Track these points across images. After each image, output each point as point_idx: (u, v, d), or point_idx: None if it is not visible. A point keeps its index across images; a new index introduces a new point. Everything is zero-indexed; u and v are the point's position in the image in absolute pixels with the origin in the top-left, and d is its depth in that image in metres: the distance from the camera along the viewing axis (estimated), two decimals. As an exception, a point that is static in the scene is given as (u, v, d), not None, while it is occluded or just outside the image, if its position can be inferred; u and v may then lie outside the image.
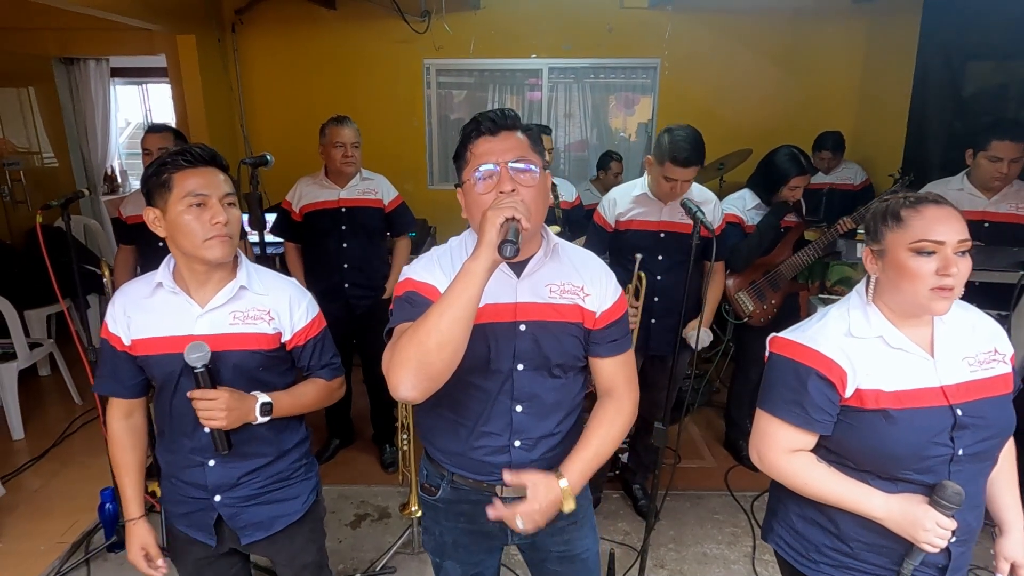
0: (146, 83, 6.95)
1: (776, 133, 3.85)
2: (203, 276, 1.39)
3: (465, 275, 1.06)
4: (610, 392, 1.37)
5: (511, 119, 1.23)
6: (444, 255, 1.31)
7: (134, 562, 1.50)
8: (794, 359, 1.26)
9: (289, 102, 5.00)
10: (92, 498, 2.73)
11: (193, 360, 1.32)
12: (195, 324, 1.38)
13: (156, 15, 3.98)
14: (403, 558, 2.57)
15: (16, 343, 3.47)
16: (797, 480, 1.28)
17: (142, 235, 2.75)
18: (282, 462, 1.52)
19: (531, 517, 1.20)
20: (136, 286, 1.44)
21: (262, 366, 1.44)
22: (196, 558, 1.53)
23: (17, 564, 2.52)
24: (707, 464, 3.27)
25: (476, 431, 1.30)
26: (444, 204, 5.04)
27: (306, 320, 1.49)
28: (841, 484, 1.24)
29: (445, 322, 1.05)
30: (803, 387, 1.23)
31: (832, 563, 1.31)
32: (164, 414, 1.47)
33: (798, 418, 1.25)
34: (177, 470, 1.47)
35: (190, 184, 1.32)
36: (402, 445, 2.58)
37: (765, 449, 1.31)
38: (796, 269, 2.88)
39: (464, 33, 4.88)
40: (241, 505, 1.47)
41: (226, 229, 1.34)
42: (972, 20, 3.63)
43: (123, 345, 1.42)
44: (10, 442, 3.43)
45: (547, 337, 1.27)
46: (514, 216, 1.07)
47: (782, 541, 1.40)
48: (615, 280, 1.37)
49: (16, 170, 4.99)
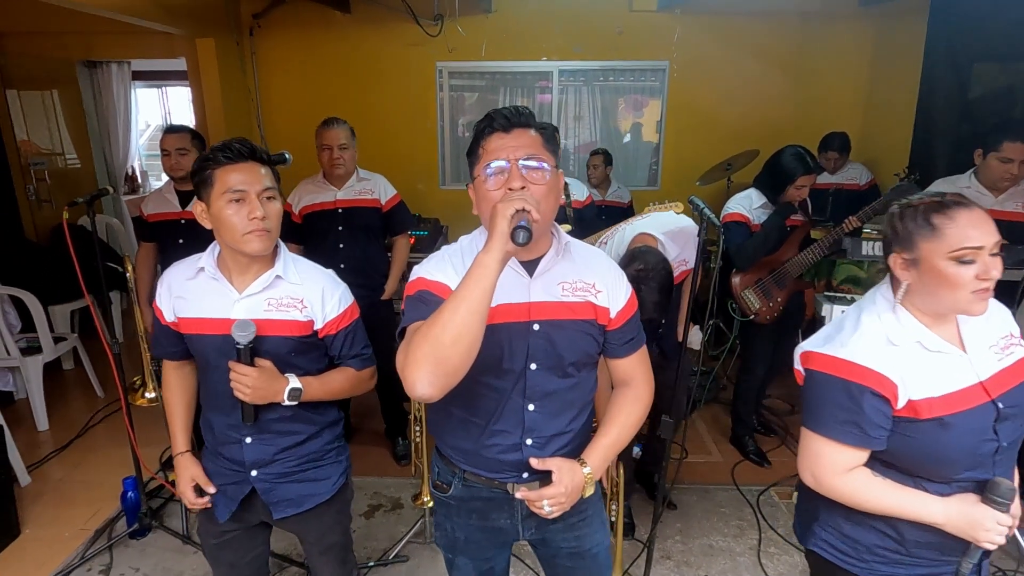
0: (165, 86, 7.08)
1: (783, 134, 3.89)
2: (244, 265, 1.46)
3: (478, 267, 1.06)
4: (627, 383, 1.39)
5: (525, 116, 1.22)
6: (455, 254, 1.31)
7: (183, 493, 1.58)
8: (843, 377, 1.21)
9: (305, 104, 5.07)
10: (114, 487, 2.80)
11: (238, 337, 1.38)
12: (232, 308, 1.45)
13: (177, 19, 4.07)
14: (415, 547, 2.62)
15: (41, 337, 3.56)
16: (857, 499, 1.25)
17: (162, 233, 2.83)
18: (315, 442, 1.58)
19: (557, 500, 1.23)
20: (181, 268, 1.52)
21: (294, 351, 1.49)
22: (222, 531, 1.60)
23: (43, 550, 2.60)
24: (713, 459, 3.30)
25: (488, 430, 1.30)
26: (456, 204, 5.11)
27: (338, 310, 1.53)
28: (900, 497, 1.22)
29: (460, 315, 1.04)
30: (858, 406, 1.19)
31: (884, 560, 1.31)
32: (206, 390, 1.56)
33: (855, 438, 1.21)
34: (217, 445, 1.56)
35: (230, 180, 1.37)
36: (414, 437, 2.64)
37: (821, 472, 1.26)
38: (802, 267, 2.91)
39: (476, 36, 4.95)
40: (275, 481, 1.54)
41: (263, 224, 1.39)
42: (979, 22, 3.63)
43: (165, 320, 1.53)
44: (35, 433, 3.52)
45: (561, 336, 1.27)
46: (524, 208, 1.08)
47: (826, 544, 1.38)
48: (625, 278, 1.38)
49: (41, 170, 5.13)
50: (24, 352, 3.53)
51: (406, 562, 2.55)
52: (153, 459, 3.13)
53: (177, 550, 2.61)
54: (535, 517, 1.37)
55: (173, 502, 2.88)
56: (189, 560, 2.55)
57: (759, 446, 3.30)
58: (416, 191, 5.27)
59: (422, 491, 2.60)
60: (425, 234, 4.41)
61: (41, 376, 3.54)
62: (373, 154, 5.12)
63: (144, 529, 2.69)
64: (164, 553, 2.60)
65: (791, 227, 2.89)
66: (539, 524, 1.40)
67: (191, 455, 1.60)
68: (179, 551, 2.60)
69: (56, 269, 4.16)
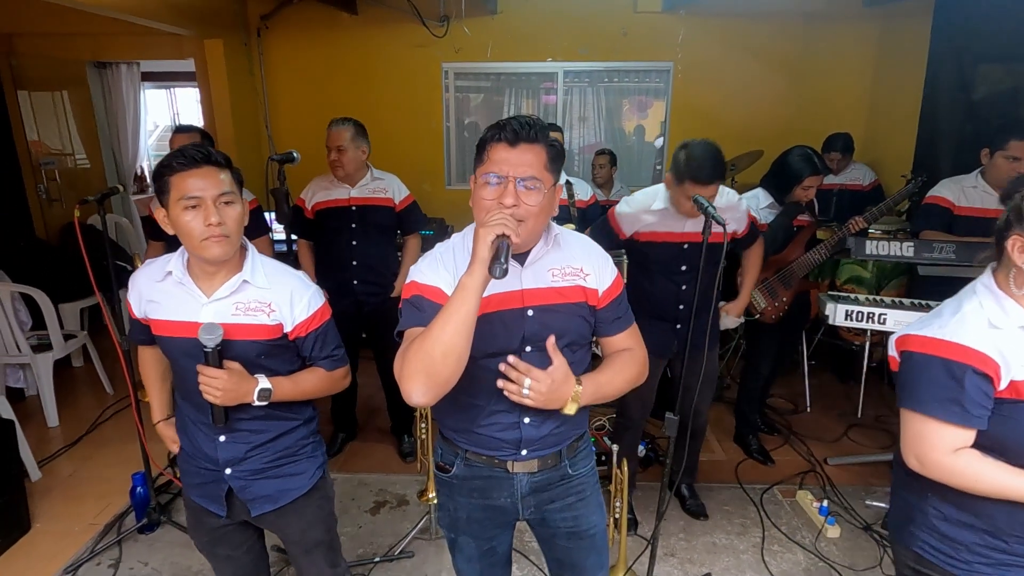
0: (174, 87, 7.14)
1: (787, 135, 3.89)
2: (211, 269, 1.46)
3: (461, 290, 1.15)
4: (625, 348, 1.46)
5: (534, 131, 1.24)
6: (447, 252, 1.37)
7: (171, 448, 1.70)
8: (944, 356, 1.21)
9: (312, 104, 5.11)
10: (123, 482, 2.83)
11: (205, 340, 1.39)
12: (200, 312, 1.46)
13: (186, 20, 4.12)
14: (420, 543, 2.64)
15: (52, 334, 3.59)
16: (967, 478, 1.23)
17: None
18: (288, 438, 1.59)
19: (538, 387, 1.25)
20: (150, 270, 1.53)
21: (263, 354, 1.50)
22: (211, 528, 1.62)
23: (53, 544, 2.63)
24: (717, 457, 3.30)
25: (488, 410, 1.36)
26: (461, 204, 5.07)
27: (307, 313, 1.53)
28: (1013, 476, 1.20)
29: (447, 334, 1.13)
30: (959, 384, 1.19)
31: (987, 560, 1.28)
32: (179, 391, 1.58)
33: (956, 416, 1.21)
34: (191, 445, 1.58)
35: (184, 187, 1.36)
36: (420, 434, 2.67)
37: (926, 452, 1.25)
38: (808, 267, 2.92)
39: (481, 37, 4.98)
40: (249, 478, 1.55)
41: (220, 229, 1.37)
42: (983, 23, 3.64)
43: (135, 315, 1.57)
44: (45, 429, 3.55)
45: (554, 319, 1.33)
46: (504, 233, 1.14)
47: (927, 545, 1.35)
48: (611, 261, 1.44)
49: (51, 169, 5.19)
50: (35, 349, 3.57)
51: (411, 558, 2.56)
52: (161, 455, 3.14)
53: (185, 545, 2.62)
54: (534, 495, 1.44)
55: (181, 497, 2.91)
56: (197, 555, 2.51)
57: (763, 445, 3.31)
58: (422, 191, 5.27)
59: (427, 487, 2.62)
60: (431, 233, 4.43)
61: (51, 373, 3.58)
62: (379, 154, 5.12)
63: (153, 524, 2.72)
64: (172, 548, 2.63)
65: (797, 227, 2.90)
66: (538, 504, 1.46)
67: (167, 422, 1.71)
68: (187, 546, 2.61)
69: (66, 267, 4.22)
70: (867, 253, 2.71)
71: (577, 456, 1.48)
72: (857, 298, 2.85)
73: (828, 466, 3.19)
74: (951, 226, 2.84)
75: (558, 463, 1.44)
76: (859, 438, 3.48)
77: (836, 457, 3.25)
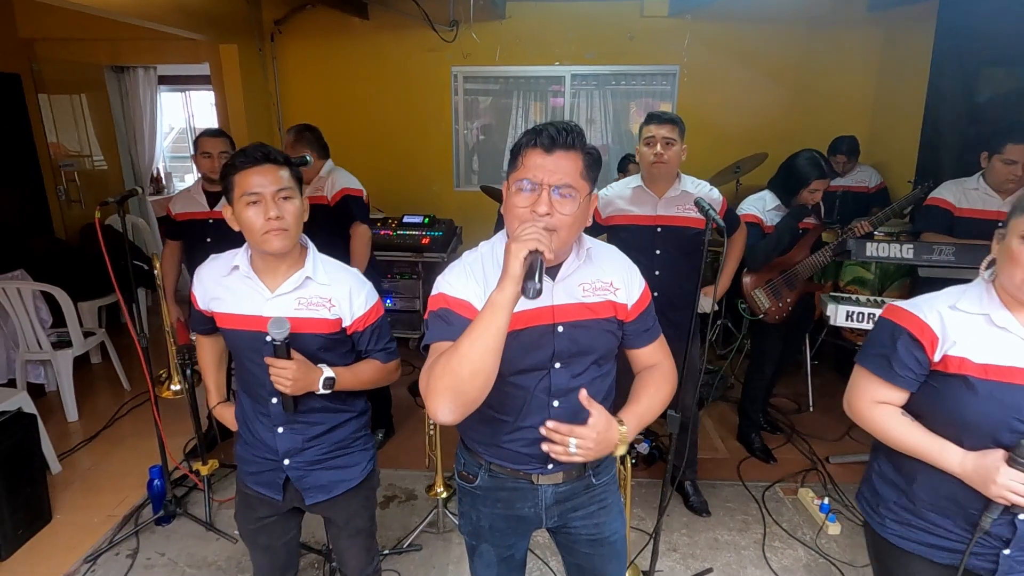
0: (189, 90, 7.26)
1: (792, 138, 3.93)
2: (272, 264, 1.53)
3: (491, 308, 1.09)
4: (653, 365, 1.43)
5: (572, 137, 1.20)
6: (475, 263, 1.32)
7: (231, 426, 1.76)
8: (893, 320, 1.33)
9: (324, 108, 5.19)
10: (141, 476, 2.92)
11: (274, 334, 1.44)
12: (264, 306, 1.52)
13: (202, 25, 4.21)
14: (428, 537, 2.69)
15: (72, 332, 3.68)
16: (878, 426, 1.36)
17: (190, 231, 2.93)
18: (342, 431, 1.66)
19: (585, 443, 1.19)
20: (216, 265, 1.60)
21: (322, 348, 1.56)
22: (259, 516, 1.69)
23: (73, 535, 2.70)
24: (720, 455, 3.34)
25: (514, 425, 1.34)
26: (470, 205, 5.20)
27: (365, 308, 1.60)
28: (921, 435, 1.30)
29: (476, 352, 1.09)
30: (892, 343, 1.31)
31: (896, 519, 1.39)
32: (240, 378, 1.65)
33: (883, 371, 1.33)
34: (250, 435, 1.65)
35: (246, 183, 1.44)
36: (428, 431, 2.73)
37: (853, 398, 1.40)
38: (813, 269, 2.95)
39: (490, 42, 5.04)
40: (307, 468, 1.62)
41: (279, 223, 1.44)
42: (986, 27, 3.65)
43: (199, 307, 1.65)
44: (65, 423, 3.63)
45: (584, 335, 1.31)
46: (538, 249, 1.08)
47: (863, 498, 1.50)
48: (639, 272, 1.41)
49: (70, 171, 5.30)
50: (55, 346, 3.66)
51: (420, 551, 2.61)
52: (177, 449, 3.24)
53: (201, 536, 2.70)
54: (558, 506, 1.43)
55: (197, 491, 2.98)
56: (212, 546, 2.64)
57: (765, 443, 3.34)
58: (431, 192, 5.38)
59: (435, 483, 2.67)
60: (439, 235, 4.51)
61: (71, 369, 3.66)
62: (389, 156, 5.26)
63: (169, 516, 2.78)
64: (188, 539, 2.69)
65: (803, 230, 2.92)
66: (561, 513, 1.45)
67: (224, 404, 1.80)
68: (203, 537, 2.69)
69: (85, 267, 4.31)
70: (868, 255, 2.74)
71: (601, 466, 1.46)
72: (858, 299, 2.88)
73: (830, 464, 3.22)
74: (952, 227, 2.87)
75: (583, 474, 1.43)
76: (861, 437, 3.49)
77: (838, 456, 3.28)
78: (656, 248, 2.55)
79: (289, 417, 1.58)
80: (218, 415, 1.79)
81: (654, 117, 2.46)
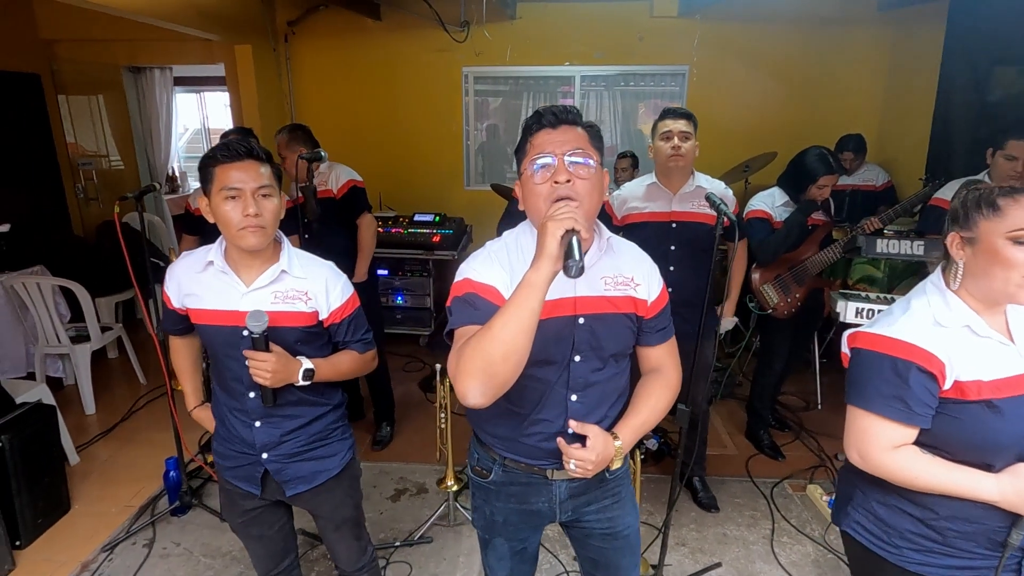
0: (204, 91, 7.35)
1: (801, 137, 3.92)
2: (248, 259, 1.51)
3: (526, 287, 1.07)
4: (658, 370, 1.43)
5: (572, 114, 1.25)
6: (500, 250, 1.32)
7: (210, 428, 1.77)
8: (890, 354, 1.22)
9: (337, 107, 5.25)
10: (156, 468, 2.96)
11: (253, 327, 1.45)
12: (240, 301, 1.51)
13: (217, 26, 4.27)
14: (439, 529, 2.72)
15: (90, 326, 3.73)
16: (905, 475, 1.23)
17: (206, 226, 3.00)
18: (319, 423, 1.66)
19: (584, 465, 1.26)
20: (190, 260, 1.58)
21: (299, 340, 1.56)
22: (244, 509, 1.69)
23: (91, 524, 2.75)
24: (729, 452, 3.35)
25: (531, 419, 1.33)
26: (480, 203, 5.23)
27: (341, 301, 1.61)
28: (950, 473, 1.21)
29: (509, 333, 1.06)
30: (904, 382, 1.20)
31: (917, 548, 1.30)
32: (216, 379, 1.65)
33: (900, 413, 1.21)
34: (227, 430, 1.65)
35: (226, 178, 1.42)
36: (440, 424, 2.76)
37: (866, 448, 1.26)
38: (821, 266, 2.95)
39: (501, 42, 5.07)
40: (285, 461, 1.62)
41: (257, 220, 1.43)
42: (997, 26, 3.64)
43: (172, 305, 1.63)
44: (83, 416, 3.70)
45: (604, 328, 1.31)
46: (574, 228, 1.08)
47: (859, 526, 1.38)
48: (658, 271, 1.42)
49: (88, 170, 5.40)
50: (73, 340, 3.72)
51: (430, 543, 2.64)
52: (192, 442, 3.29)
53: (215, 527, 2.74)
54: (572, 500, 1.44)
55: (212, 482, 3.02)
56: (227, 536, 2.67)
57: (774, 440, 3.35)
58: (442, 191, 5.42)
59: (446, 476, 2.69)
60: (450, 233, 4.55)
61: (89, 363, 3.72)
62: (400, 155, 5.31)
63: (184, 507, 2.83)
64: (203, 530, 2.73)
65: (812, 226, 2.93)
66: (575, 507, 1.45)
67: (203, 406, 1.80)
68: (217, 528, 2.73)
69: (102, 263, 4.38)
70: (878, 251, 2.74)
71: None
72: (868, 296, 2.88)
73: (838, 461, 3.22)
74: None
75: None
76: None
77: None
78: (671, 244, 2.57)
79: (267, 411, 1.58)
80: (197, 418, 1.79)
81: (669, 112, 2.50)
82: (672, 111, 2.50)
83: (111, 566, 2.53)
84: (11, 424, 2.59)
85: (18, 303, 3.66)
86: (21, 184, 4.80)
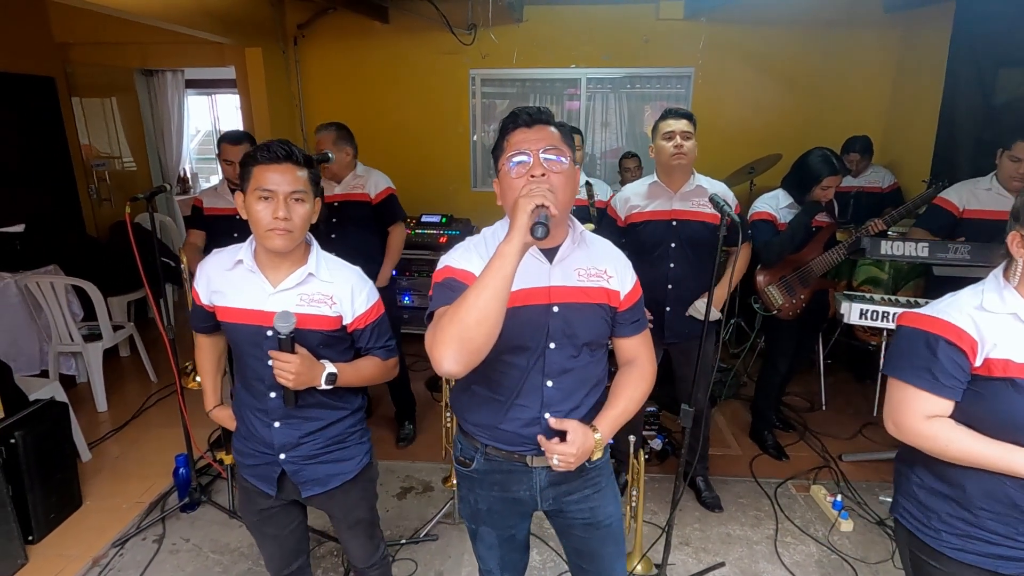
0: (215, 93, 7.43)
1: (806, 139, 3.92)
2: (276, 260, 1.53)
3: (499, 257, 1.15)
4: (632, 362, 1.49)
5: (545, 114, 1.34)
6: (479, 243, 1.40)
7: (231, 428, 1.78)
8: (924, 329, 1.30)
9: (345, 109, 5.27)
10: (167, 465, 3.01)
11: (280, 327, 1.46)
12: (267, 301, 1.53)
13: (228, 29, 4.32)
14: (444, 527, 2.74)
15: (102, 325, 3.79)
16: (939, 443, 1.28)
17: (217, 224, 3.01)
18: (338, 426, 1.67)
19: (566, 459, 1.32)
20: (220, 258, 1.60)
21: (322, 344, 1.57)
22: (260, 508, 1.70)
23: (103, 520, 2.79)
24: (733, 452, 3.35)
25: (509, 404, 1.39)
26: (487, 204, 5.25)
27: (366, 307, 1.62)
28: (983, 442, 1.25)
29: (483, 300, 1.13)
30: (933, 354, 1.27)
31: (954, 531, 1.34)
32: (239, 377, 1.67)
33: (928, 383, 1.28)
34: (247, 429, 1.66)
35: (262, 178, 1.45)
36: (445, 423, 2.79)
37: (900, 416, 1.33)
38: (826, 267, 2.95)
39: (507, 44, 5.10)
40: (303, 463, 1.63)
41: (285, 224, 1.45)
42: (1004, 28, 3.63)
43: (201, 302, 1.65)
44: (95, 413, 3.74)
45: (577, 317, 1.37)
46: (543, 203, 1.17)
47: (905, 512, 1.44)
48: (631, 266, 1.49)
49: (101, 171, 5.47)
50: (86, 339, 3.77)
51: (436, 540, 2.67)
52: (202, 439, 3.32)
53: (224, 523, 2.78)
54: (552, 488, 1.48)
55: (221, 479, 3.06)
56: (235, 533, 2.71)
57: (778, 441, 3.35)
58: (448, 192, 5.45)
59: (451, 474, 2.74)
60: (457, 233, 4.58)
61: (101, 361, 3.77)
62: (408, 156, 5.34)
63: (194, 503, 2.86)
64: (212, 526, 2.77)
65: (817, 227, 2.94)
66: (556, 496, 1.49)
67: (221, 406, 1.82)
68: (226, 524, 2.77)
69: (114, 263, 4.44)
70: (882, 253, 2.74)
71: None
72: (872, 297, 2.89)
73: (842, 462, 3.23)
74: (954, 229, 2.88)
75: None
76: (874, 436, 3.50)
77: (850, 454, 3.28)
78: (671, 242, 2.60)
79: (287, 412, 1.59)
80: (216, 418, 1.81)
81: (671, 112, 2.53)
82: (674, 111, 2.53)
83: (121, 561, 2.56)
84: (24, 421, 2.63)
85: (32, 302, 3.72)
86: (36, 185, 4.87)
